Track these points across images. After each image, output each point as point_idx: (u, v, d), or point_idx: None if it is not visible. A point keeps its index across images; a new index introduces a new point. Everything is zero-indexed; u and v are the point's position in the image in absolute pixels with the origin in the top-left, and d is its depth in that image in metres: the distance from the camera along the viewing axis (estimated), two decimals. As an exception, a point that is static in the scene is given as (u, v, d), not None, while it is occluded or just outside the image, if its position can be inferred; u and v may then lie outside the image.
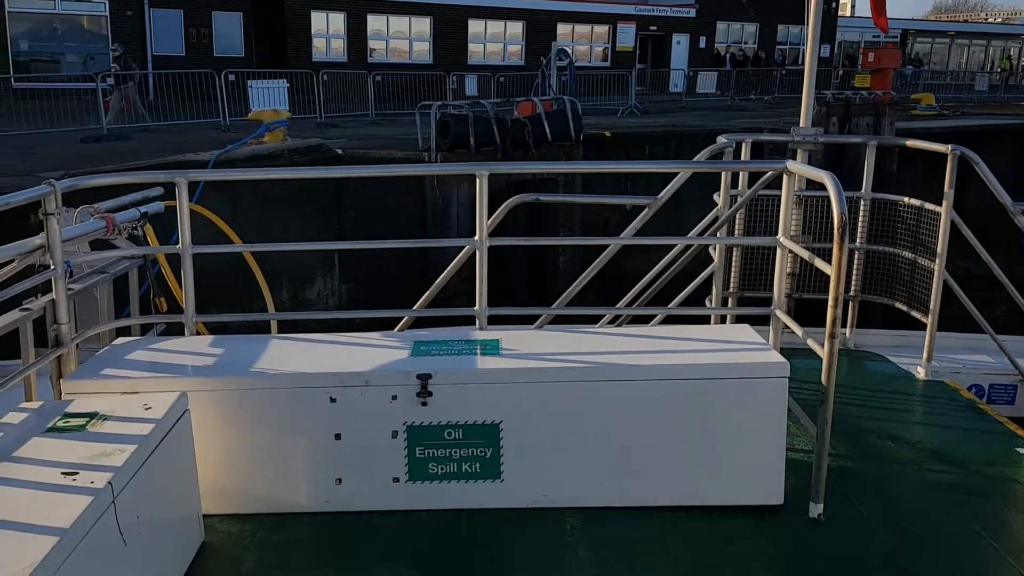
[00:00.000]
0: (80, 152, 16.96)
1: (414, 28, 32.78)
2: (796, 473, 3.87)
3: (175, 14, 28.77)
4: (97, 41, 27.95)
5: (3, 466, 2.86)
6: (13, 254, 3.71)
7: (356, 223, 15.34)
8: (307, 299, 15.70)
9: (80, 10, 27.56)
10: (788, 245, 4.31)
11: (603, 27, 35.82)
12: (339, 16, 31.27)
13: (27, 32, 26.92)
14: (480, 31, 33.88)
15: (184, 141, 18.04)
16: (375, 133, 20.31)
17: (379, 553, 3.51)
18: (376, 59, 31.46)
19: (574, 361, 3.77)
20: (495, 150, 15.25)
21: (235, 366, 3.77)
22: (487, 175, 4.09)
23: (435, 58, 32.61)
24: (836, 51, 40.94)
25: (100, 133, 18.71)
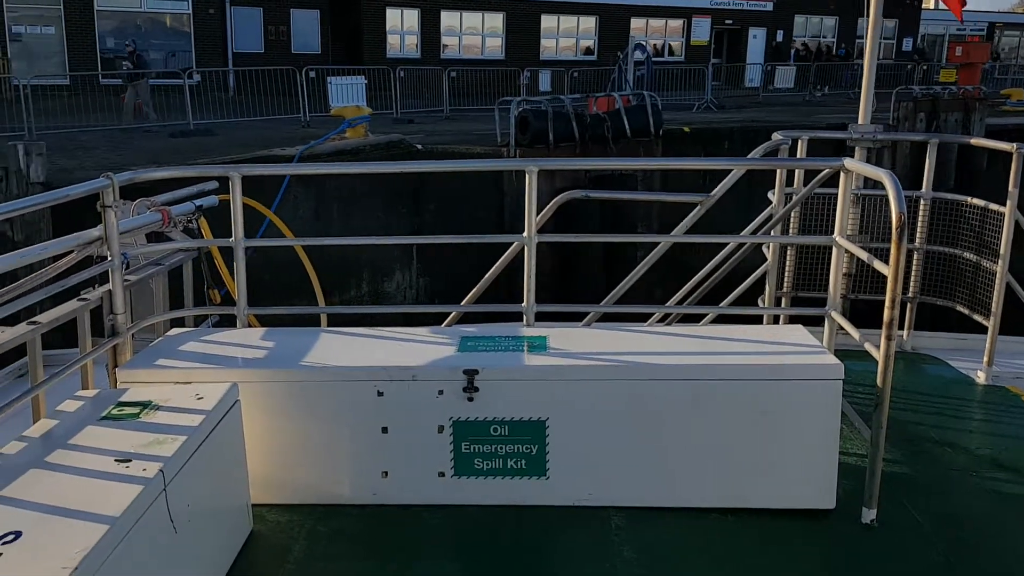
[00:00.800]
0: (169, 146, 17.42)
1: (487, 24, 32.83)
2: (849, 478, 3.79)
3: (255, 12, 29.33)
4: (180, 39, 28.68)
5: (59, 453, 2.92)
6: (72, 245, 3.81)
7: (435, 216, 15.44)
8: (386, 292, 15.88)
9: (164, 8, 28.29)
10: (844, 244, 4.20)
11: (677, 21, 35.37)
12: (413, 12, 31.49)
13: (112, 30, 27.74)
14: (553, 26, 33.76)
15: (267, 136, 18.38)
16: (451, 129, 20.42)
17: (424, 547, 3.53)
18: (448, 55, 31.61)
19: (623, 359, 3.73)
20: (573, 146, 15.20)
21: (285, 358, 3.80)
22: (536, 171, 4.07)
23: (507, 54, 32.61)
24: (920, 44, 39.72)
25: (187, 128, 19.17)
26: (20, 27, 26.13)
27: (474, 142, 16.67)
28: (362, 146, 15.22)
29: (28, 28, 26.23)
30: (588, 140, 15.11)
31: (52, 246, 3.72)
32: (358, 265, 15.58)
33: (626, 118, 15.56)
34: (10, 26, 25.84)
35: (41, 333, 3.48)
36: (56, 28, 26.55)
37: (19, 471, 2.77)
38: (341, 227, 15.22)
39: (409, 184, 15.18)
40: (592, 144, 15.13)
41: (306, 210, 15.06)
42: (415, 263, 15.92)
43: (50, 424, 3.18)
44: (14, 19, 25.98)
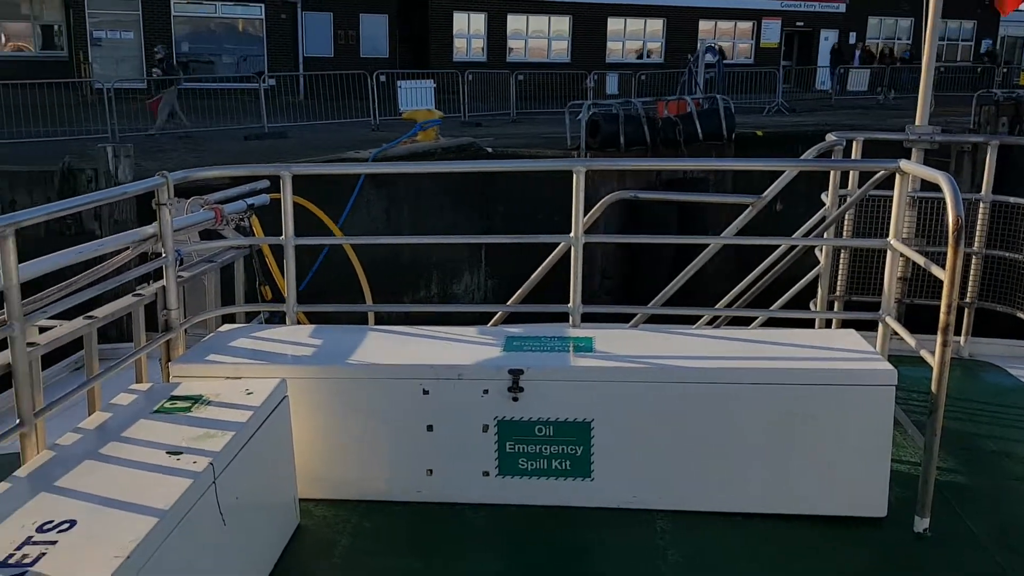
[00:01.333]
0: (244, 148, 17.77)
1: (553, 27, 32.79)
2: (901, 486, 3.70)
3: (325, 17, 29.77)
4: (252, 43, 29.25)
5: (113, 444, 2.98)
6: (128, 242, 3.87)
7: (505, 218, 15.45)
8: (454, 293, 15.96)
9: (238, 13, 28.89)
10: (899, 248, 4.10)
11: (747, 23, 34.85)
12: (480, 17, 31.62)
13: (187, 35, 28.43)
14: (619, 29, 33.56)
15: (338, 139, 18.62)
16: (519, 132, 20.42)
17: (468, 545, 3.53)
18: (514, 58, 31.64)
19: (670, 362, 3.69)
20: (645, 149, 15.06)
21: (333, 356, 3.84)
22: (584, 171, 4.05)
23: (573, 57, 32.52)
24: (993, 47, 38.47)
25: (261, 131, 19.52)
26: (101, 32, 26.94)
27: (543, 145, 16.63)
28: (433, 149, 15.30)
29: (108, 33, 27.03)
30: (659, 144, 14.96)
31: (108, 242, 3.78)
32: (428, 267, 15.70)
33: (698, 121, 15.37)
34: (91, 31, 26.66)
35: (97, 327, 3.54)
36: (135, 33, 27.30)
37: (74, 462, 2.84)
38: (411, 228, 15.34)
39: (478, 186, 15.23)
40: (663, 148, 14.98)
41: (378, 211, 15.21)
42: (483, 265, 15.96)
43: (105, 416, 3.25)
44: (95, 24, 26.80)
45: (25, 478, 2.77)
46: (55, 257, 3.41)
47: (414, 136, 15.64)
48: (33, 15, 28.24)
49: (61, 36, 28.52)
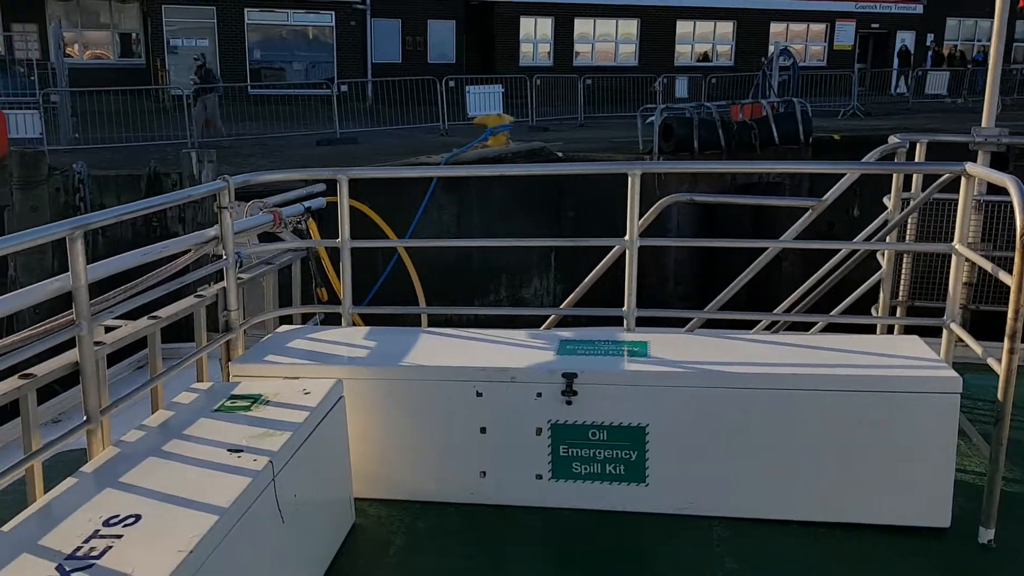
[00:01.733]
0: (317, 153, 17.97)
1: (621, 30, 32.53)
2: (965, 496, 3.60)
3: (394, 24, 30.02)
4: (322, 50, 29.66)
5: (176, 442, 3.02)
6: (190, 244, 3.96)
7: (575, 223, 15.32)
8: (523, 297, 15.87)
9: (309, 21, 29.33)
10: (965, 253, 4.00)
11: (820, 25, 34.11)
12: (547, 21, 31.54)
13: (259, 42, 28.96)
14: (688, 32, 33.16)
15: (408, 144, 18.72)
16: (587, 136, 20.26)
17: (521, 548, 3.51)
18: (581, 62, 31.50)
19: (726, 367, 3.62)
20: (719, 153, 14.78)
21: (387, 357, 3.85)
22: (639, 174, 4.03)
23: (641, 60, 32.22)
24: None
25: (333, 136, 19.73)
26: (177, 40, 27.60)
27: (614, 150, 16.45)
28: (504, 153, 15.25)
29: (184, 41, 27.67)
30: (734, 147, 14.66)
31: (171, 245, 3.85)
32: (497, 271, 15.66)
33: (774, 125, 15.02)
34: (168, 39, 27.33)
35: (160, 327, 3.60)
36: (210, 41, 27.90)
37: (139, 458, 2.90)
38: (482, 232, 15.31)
39: (549, 191, 15.13)
40: (739, 151, 14.67)
41: (450, 216, 15.23)
42: (552, 269, 15.84)
43: (168, 414, 3.30)
44: (172, 32, 27.47)
45: (91, 473, 2.83)
46: (121, 259, 3.50)
47: (485, 141, 15.60)
48: (112, 24, 29.11)
49: (139, 44, 29.33)
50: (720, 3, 32.57)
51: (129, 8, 29.22)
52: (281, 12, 28.76)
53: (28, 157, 11.12)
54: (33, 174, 10.87)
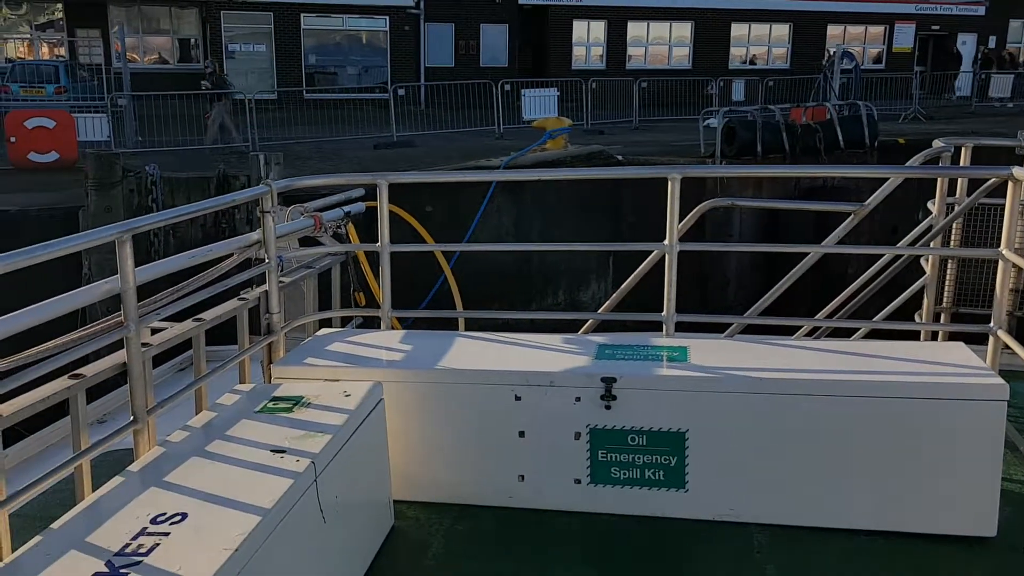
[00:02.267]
0: (374, 157, 18.09)
1: (675, 33, 32.30)
2: (1012, 505, 3.57)
3: (447, 28, 30.15)
4: (376, 55, 29.88)
5: (220, 442, 3.06)
6: (233, 248, 3.96)
7: (634, 227, 15.19)
8: (581, 301, 15.79)
9: (364, 26, 29.57)
10: (1012, 259, 3.95)
11: (878, 27, 33.51)
12: (600, 24, 31.44)
13: (314, 47, 29.27)
14: (743, 34, 32.80)
15: (464, 148, 18.76)
16: (645, 139, 20.11)
17: (560, 552, 3.50)
18: (634, 66, 31.33)
19: (767, 372, 3.58)
20: (783, 157, 14.55)
21: (426, 360, 3.85)
22: (679, 178, 4.03)
23: (695, 63, 31.96)
24: None
25: (390, 140, 19.85)
26: (235, 45, 28.02)
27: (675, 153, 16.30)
28: (563, 157, 15.20)
29: (242, 46, 28.09)
30: (799, 151, 14.42)
31: (216, 248, 3.86)
32: (556, 275, 15.61)
33: (839, 128, 14.74)
34: (227, 44, 27.75)
35: (204, 330, 3.64)
36: (267, 46, 28.28)
37: (184, 458, 2.94)
38: (540, 236, 15.29)
39: (606, 195, 15.04)
40: (803, 155, 14.42)
41: (508, 219, 15.21)
42: (611, 273, 15.74)
43: (211, 415, 3.34)
44: (230, 38, 27.89)
45: (138, 472, 2.88)
46: (167, 262, 3.56)
47: (543, 144, 15.55)
48: (172, 29, 29.66)
49: (197, 49, 29.83)
50: (776, 5, 32.17)
51: (188, 14, 29.75)
52: (336, 17, 29.05)
53: (103, 159, 11.35)
54: (108, 176, 11.09)
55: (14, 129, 16.11)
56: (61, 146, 16.34)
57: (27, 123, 16.17)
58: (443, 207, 15.25)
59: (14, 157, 16.20)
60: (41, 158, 16.17)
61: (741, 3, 31.95)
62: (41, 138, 16.15)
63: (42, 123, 16.20)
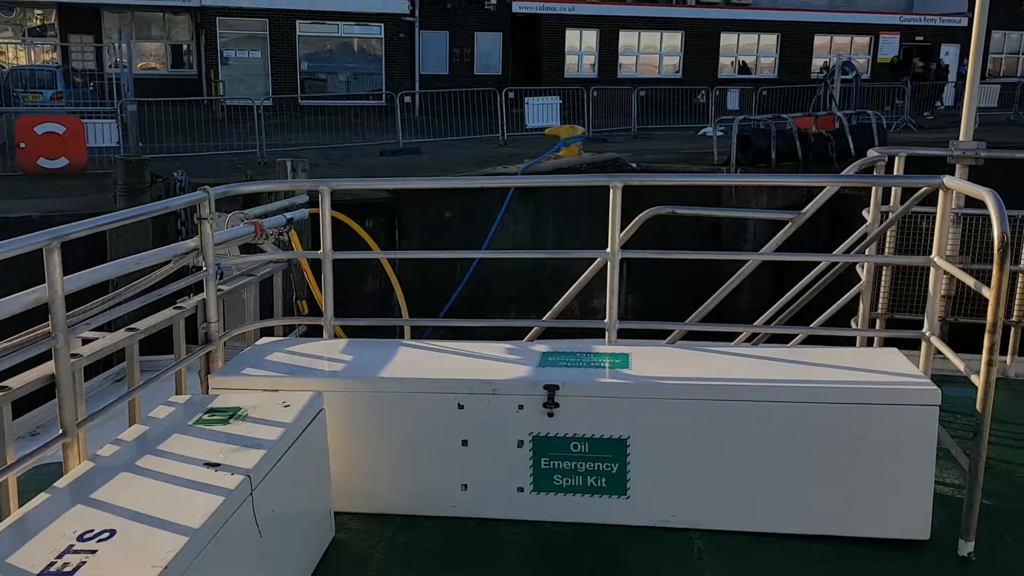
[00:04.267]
0: (383, 163, 18.13)
1: (665, 42, 32.66)
2: (945, 508, 3.61)
3: (442, 36, 30.25)
4: (369, 62, 29.89)
5: (153, 456, 2.98)
6: (169, 255, 3.90)
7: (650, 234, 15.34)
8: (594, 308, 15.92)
9: (359, 33, 29.58)
10: (943, 266, 4.01)
11: (864, 38, 34.12)
12: (592, 33, 31.72)
13: (308, 54, 29.23)
14: (732, 44, 33.24)
15: (471, 155, 18.84)
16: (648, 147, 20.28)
17: (504, 562, 3.51)
18: (624, 74, 31.63)
19: (707, 379, 3.63)
20: (796, 165, 14.81)
21: (368, 369, 3.83)
22: (620, 187, 4.03)
23: (684, 72, 32.32)
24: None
25: (396, 147, 19.87)
26: (230, 51, 27.91)
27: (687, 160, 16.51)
28: (578, 164, 15.36)
29: (237, 52, 27.98)
30: (811, 159, 14.69)
31: (151, 256, 3.82)
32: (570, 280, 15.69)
33: (851, 136, 15.04)
34: (222, 50, 27.64)
35: (138, 340, 3.55)
36: (262, 52, 28.20)
37: (115, 472, 2.86)
38: (556, 243, 15.41)
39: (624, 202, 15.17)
40: (815, 163, 14.70)
41: (524, 225, 15.33)
42: (625, 281, 15.90)
43: (145, 427, 3.27)
44: (225, 44, 27.78)
45: (67, 488, 2.80)
46: (98, 270, 3.45)
47: (557, 152, 15.69)
48: (165, 35, 29.47)
49: (190, 55, 29.67)
50: (765, 16, 32.65)
51: (181, 20, 29.58)
52: (332, 24, 29.03)
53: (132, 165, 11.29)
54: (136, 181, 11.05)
55: (24, 135, 15.97)
56: (70, 152, 16.21)
57: (37, 129, 16.03)
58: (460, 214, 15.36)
59: (24, 163, 16.05)
60: (51, 164, 16.03)
61: (731, 13, 32.41)
62: (51, 144, 16.02)
63: (52, 129, 16.07)
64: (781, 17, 32.72)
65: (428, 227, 14.81)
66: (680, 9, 31.88)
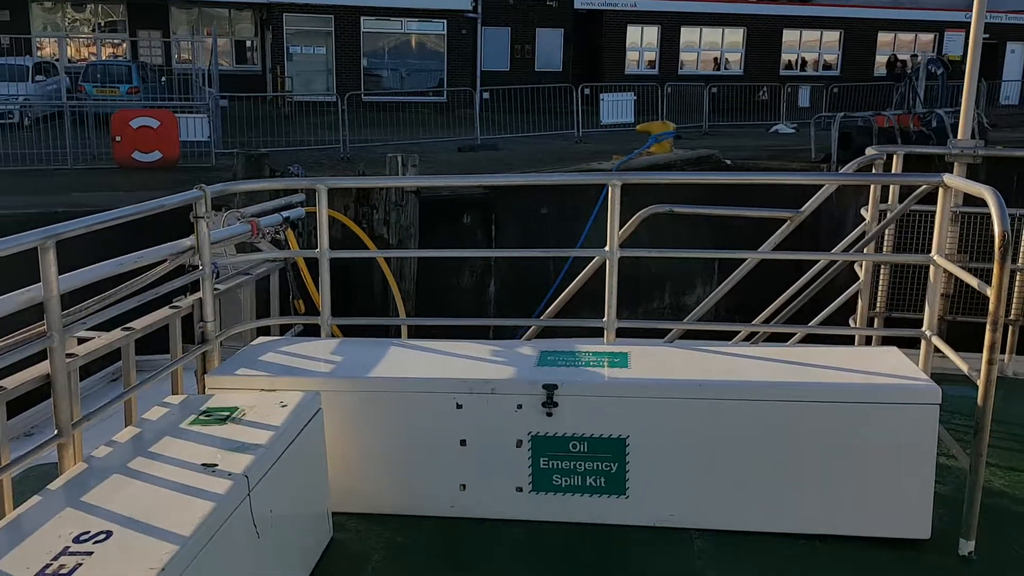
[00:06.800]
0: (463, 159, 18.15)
1: (727, 39, 32.42)
2: (945, 507, 3.59)
3: (504, 32, 30.25)
4: (431, 58, 29.91)
5: (149, 456, 2.96)
6: (165, 254, 3.86)
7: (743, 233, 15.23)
8: (685, 305, 15.85)
9: (422, 29, 29.62)
10: (943, 264, 4.00)
11: (928, 35, 33.66)
12: (653, 29, 31.55)
13: (372, 50, 29.30)
14: (795, 40, 32.92)
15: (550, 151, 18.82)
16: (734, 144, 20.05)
17: (503, 562, 3.49)
18: (686, 71, 31.44)
19: (706, 378, 3.61)
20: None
21: (366, 369, 3.79)
22: (620, 185, 4.02)
23: (745, 69, 32.07)
24: None
25: (474, 143, 19.87)
26: (295, 47, 28.05)
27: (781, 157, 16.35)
28: (672, 161, 15.27)
29: (302, 48, 28.12)
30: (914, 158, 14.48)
31: (147, 255, 3.76)
32: (662, 279, 15.65)
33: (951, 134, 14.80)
34: (287, 46, 27.79)
35: (134, 339, 3.53)
36: (327, 48, 28.32)
37: (111, 473, 2.83)
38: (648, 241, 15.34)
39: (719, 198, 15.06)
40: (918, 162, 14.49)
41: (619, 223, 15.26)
42: (716, 277, 15.80)
43: (141, 428, 3.24)
44: (290, 39, 27.93)
45: (62, 488, 2.77)
46: (94, 269, 3.43)
47: (648, 148, 15.61)
48: (230, 31, 29.69)
49: (254, 51, 29.88)
50: (828, 12, 32.30)
51: (244, 16, 29.81)
52: (396, 20, 29.11)
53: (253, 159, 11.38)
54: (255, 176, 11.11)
55: (120, 129, 16.17)
56: (164, 145, 16.39)
57: (132, 123, 16.23)
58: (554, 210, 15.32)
59: (119, 156, 16.25)
60: (145, 157, 16.22)
61: (793, 10, 32.08)
62: (145, 137, 16.19)
63: (146, 123, 16.26)
64: (844, 13, 32.37)
65: (524, 224, 14.78)
66: (743, 5, 31.60)
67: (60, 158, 16.47)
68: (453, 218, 13.93)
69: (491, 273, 14.90)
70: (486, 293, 15.19)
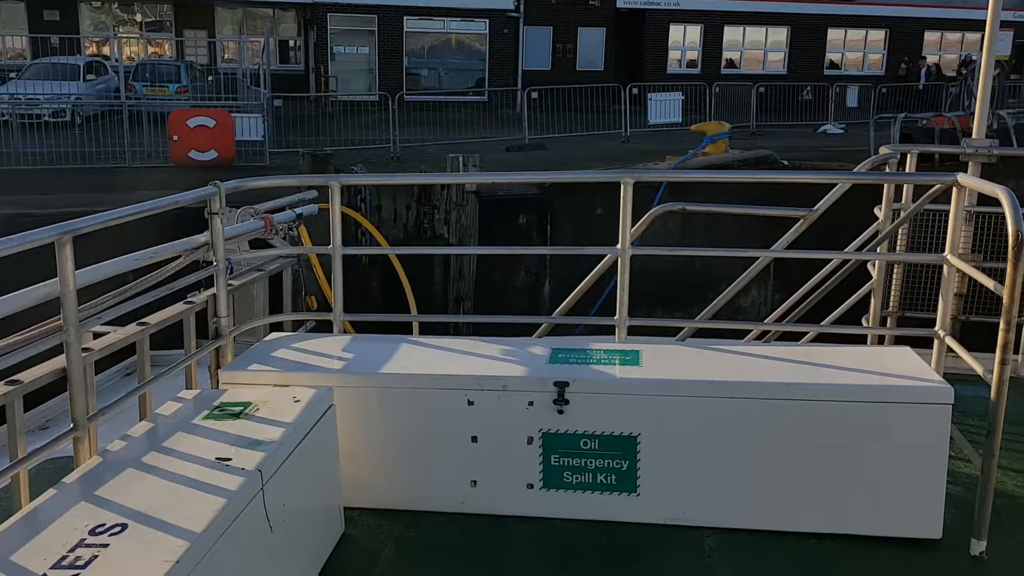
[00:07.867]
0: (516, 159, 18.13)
1: (770, 38, 32.14)
2: (957, 507, 3.61)
3: (546, 31, 30.18)
4: (472, 57, 29.91)
5: (163, 450, 2.99)
6: (180, 250, 3.89)
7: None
8: (741, 307, 15.74)
9: (465, 29, 29.62)
10: (956, 264, 3.99)
11: (975, 35, 33.11)
12: (696, 28, 31.35)
13: (415, 49, 29.35)
14: (839, 39, 32.56)
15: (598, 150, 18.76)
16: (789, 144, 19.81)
17: (512, 557, 3.50)
18: (728, 71, 31.20)
19: (718, 376, 3.61)
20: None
21: (378, 365, 3.81)
22: (632, 182, 4.02)
23: (789, 68, 31.77)
24: None
25: (522, 143, 19.85)
26: (339, 47, 28.17)
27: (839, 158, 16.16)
28: (728, 161, 15.17)
29: (346, 48, 28.23)
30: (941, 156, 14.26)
31: (162, 251, 3.79)
32: (718, 280, 15.53)
33: (1014, 136, 14.59)
34: (332, 46, 27.92)
35: (149, 334, 3.55)
36: (370, 48, 28.41)
37: (126, 466, 2.87)
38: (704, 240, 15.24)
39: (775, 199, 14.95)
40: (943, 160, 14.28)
41: (674, 223, 15.17)
42: (771, 279, 15.67)
43: (156, 422, 3.28)
44: (334, 39, 28.06)
45: (78, 481, 2.81)
46: (109, 264, 3.47)
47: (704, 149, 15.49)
48: (274, 31, 29.89)
49: (297, 51, 30.04)
50: (874, 11, 31.92)
51: (288, 16, 30.00)
52: (438, 20, 29.14)
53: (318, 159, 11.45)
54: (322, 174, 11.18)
55: (177, 128, 16.32)
56: (220, 145, 16.52)
57: (189, 122, 16.37)
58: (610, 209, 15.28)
59: (176, 155, 16.40)
60: (201, 156, 16.35)
61: (838, 9, 31.73)
62: (201, 137, 16.32)
63: (203, 122, 16.40)
64: (889, 12, 31.96)
65: (579, 223, 14.75)
66: (787, 4, 31.29)
67: (117, 156, 16.66)
68: (509, 218, 13.94)
69: (546, 272, 14.91)
70: (541, 292, 15.19)
